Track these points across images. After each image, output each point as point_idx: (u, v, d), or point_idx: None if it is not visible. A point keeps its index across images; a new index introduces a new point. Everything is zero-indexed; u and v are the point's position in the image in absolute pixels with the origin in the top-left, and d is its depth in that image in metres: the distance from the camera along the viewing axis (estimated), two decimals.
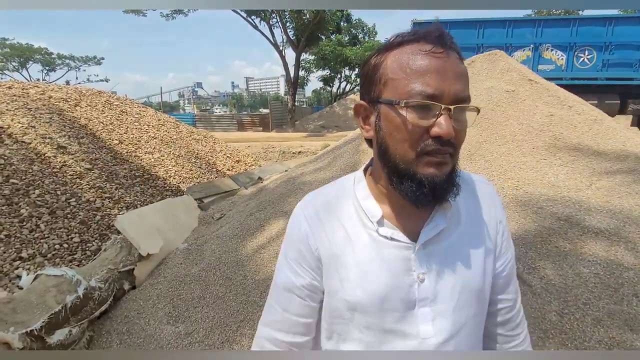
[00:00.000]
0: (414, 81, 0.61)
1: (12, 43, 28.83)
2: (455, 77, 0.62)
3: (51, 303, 2.44)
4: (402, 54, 0.64)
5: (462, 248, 0.73)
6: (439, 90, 0.61)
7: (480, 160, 3.24)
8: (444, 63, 0.62)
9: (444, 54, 0.62)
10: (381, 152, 0.69)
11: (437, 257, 0.71)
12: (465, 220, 0.75)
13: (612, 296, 2.14)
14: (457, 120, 0.63)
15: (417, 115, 0.62)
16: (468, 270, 0.72)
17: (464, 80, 0.64)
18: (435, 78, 0.61)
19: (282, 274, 0.78)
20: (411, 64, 0.62)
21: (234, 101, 74.70)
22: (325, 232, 0.74)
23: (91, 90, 6.48)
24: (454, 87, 0.62)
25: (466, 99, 0.64)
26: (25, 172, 3.81)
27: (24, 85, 5.63)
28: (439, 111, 0.61)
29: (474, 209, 0.77)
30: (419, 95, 0.61)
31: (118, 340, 2.60)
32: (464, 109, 0.64)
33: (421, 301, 0.70)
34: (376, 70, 0.67)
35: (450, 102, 0.61)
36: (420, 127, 0.62)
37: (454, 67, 0.63)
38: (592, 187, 2.81)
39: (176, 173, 5.49)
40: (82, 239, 3.51)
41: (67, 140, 4.65)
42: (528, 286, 2.31)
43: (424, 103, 0.61)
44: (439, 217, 0.71)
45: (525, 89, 3.90)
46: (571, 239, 2.48)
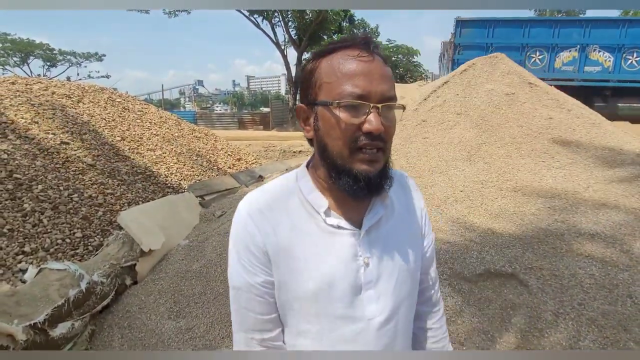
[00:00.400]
0: (345, 83, 0.68)
1: (14, 38, 28.80)
2: (380, 79, 0.69)
3: (54, 297, 2.48)
4: (334, 60, 0.71)
5: (398, 233, 0.81)
6: (367, 91, 0.68)
7: (479, 161, 3.28)
8: (370, 66, 0.69)
9: (370, 58, 0.70)
10: (321, 150, 0.75)
11: (378, 242, 0.78)
12: (397, 209, 0.84)
13: (606, 297, 2.17)
14: (386, 117, 0.70)
15: (349, 114, 0.69)
16: (404, 253, 0.81)
17: (388, 81, 0.71)
18: (362, 80, 0.68)
19: (237, 276, 0.77)
20: (341, 68, 0.69)
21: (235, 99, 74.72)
22: (272, 227, 0.75)
23: (94, 86, 6.51)
24: (380, 88, 0.69)
25: (392, 97, 0.71)
26: (28, 167, 3.84)
27: (27, 81, 5.66)
28: (369, 109, 0.68)
29: (404, 199, 0.86)
30: (349, 96, 0.68)
31: (120, 335, 2.64)
32: (391, 107, 0.71)
33: (367, 284, 0.76)
34: (312, 75, 0.73)
35: (378, 101, 0.68)
36: (352, 125, 0.69)
37: (379, 69, 0.70)
38: (589, 190, 2.85)
39: (177, 170, 5.52)
40: (84, 234, 3.54)
41: (70, 136, 4.68)
42: (524, 286, 2.35)
43: (354, 103, 0.68)
44: (378, 206, 0.79)
45: (525, 92, 3.94)
46: (567, 240, 2.52)
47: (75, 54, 31.49)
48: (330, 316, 0.75)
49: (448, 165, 3.32)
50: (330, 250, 0.75)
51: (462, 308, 2.32)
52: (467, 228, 2.74)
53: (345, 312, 0.75)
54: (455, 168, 3.27)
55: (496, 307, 2.30)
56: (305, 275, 0.74)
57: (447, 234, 2.74)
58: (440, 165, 3.35)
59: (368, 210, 0.79)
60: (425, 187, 3.21)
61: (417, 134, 3.84)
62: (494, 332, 2.19)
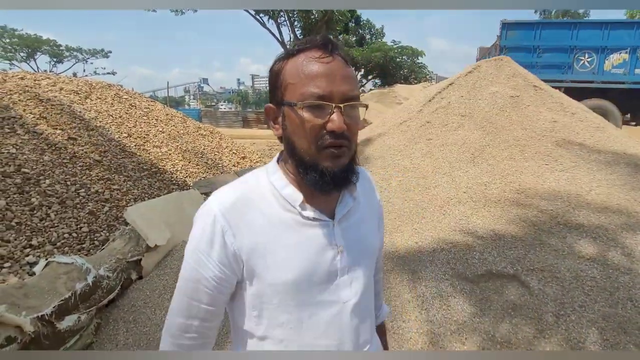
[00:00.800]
0: (307, 85, 0.71)
1: (21, 34, 29.00)
2: (342, 79, 0.72)
3: (61, 290, 2.52)
4: (297, 61, 0.74)
5: (364, 222, 0.89)
6: (328, 91, 0.71)
7: (483, 163, 3.30)
8: (331, 67, 0.72)
9: (330, 59, 0.73)
10: (289, 148, 0.78)
11: (349, 231, 0.84)
12: (361, 200, 0.90)
13: (607, 299, 2.19)
14: (349, 115, 0.73)
15: (312, 114, 0.72)
16: (369, 240, 0.89)
17: (350, 81, 0.74)
18: (324, 81, 0.71)
19: (189, 267, 0.78)
20: (304, 69, 0.72)
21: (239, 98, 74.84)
22: (245, 224, 0.76)
23: (101, 83, 6.57)
24: (341, 88, 0.72)
25: (354, 97, 0.74)
26: (36, 162, 3.89)
27: (35, 77, 5.72)
28: (331, 109, 0.71)
29: (366, 192, 0.93)
30: (311, 97, 0.71)
31: (125, 329, 2.68)
32: (353, 106, 0.74)
33: (342, 270, 0.81)
34: (278, 76, 0.76)
35: (340, 101, 0.71)
36: (316, 124, 0.72)
37: (340, 70, 0.73)
38: (592, 193, 2.86)
39: (183, 167, 5.56)
40: (90, 229, 3.59)
41: (77, 131, 4.73)
42: (526, 287, 2.37)
43: (316, 103, 0.71)
44: (347, 198, 0.85)
45: (530, 95, 3.95)
46: (569, 243, 2.53)
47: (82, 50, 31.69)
48: (310, 303, 0.79)
49: (452, 167, 3.34)
50: (307, 241, 0.78)
51: (463, 308, 2.34)
52: (469, 229, 2.76)
53: (323, 297, 0.79)
54: (459, 169, 3.29)
55: (497, 308, 2.32)
56: (284, 267, 0.76)
57: (450, 235, 2.76)
58: (444, 167, 3.37)
59: (339, 201, 0.84)
60: (428, 187, 3.23)
61: (421, 135, 3.85)
62: (494, 333, 2.21)
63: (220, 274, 0.76)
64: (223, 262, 0.76)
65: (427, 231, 2.82)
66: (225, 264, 0.76)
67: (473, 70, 4.31)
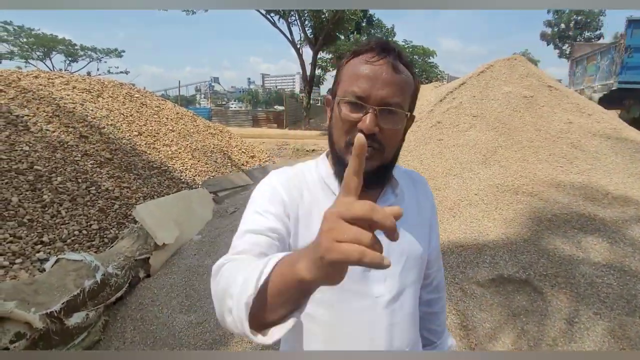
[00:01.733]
0: (352, 83, 0.75)
1: (37, 33, 29.54)
2: (384, 84, 0.73)
3: (70, 287, 2.53)
4: (355, 61, 0.77)
5: (407, 220, 0.85)
6: (366, 93, 0.73)
7: (495, 165, 3.23)
8: (377, 71, 0.74)
9: (380, 63, 0.74)
10: (329, 138, 0.83)
11: None
12: (407, 199, 0.89)
13: (624, 307, 2.12)
14: (385, 120, 0.74)
15: (349, 110, 0.75)
16: (412, 240, 0.86)
17: (395, 88, 0.74)
18: (365, 82, 0.73)
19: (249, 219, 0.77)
20: (354, 69, 0.76)
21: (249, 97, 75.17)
22: (297, 194, 0.82)
23: (113, 82, 6.64)
24: (381, 92, 0.73)
25: (392, 103, 0.74)
26: (48, 160, 3.94)
27: (49, 75, 5.81)
28: (366, 110, 0.73)
29: (414, 192, 0.92)
30: (351, 95, 0.74)
31: (132, 327, 2.68)
32: (392, 112, 0.74)
33: None
34: (339, 71, 0.81)
35: (377, 104, 0.73)
36: (349, 120, 0.75)
37: (387, 75, 0.74)
38: (608, 197, 2.78)
39: (192, 166, 5.59)
40: (100, 227, 3.61)
41: (88, 129, 4.78)
42: (539, 293, 2.31)
43: (353, 101, 0.74)
44: (389, 193, 0.85)
45: (544, 95, 3.86)
46: (585, 248, 2.46)
47: (96, 50, 32.12)
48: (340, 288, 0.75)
49: (463, 168, 3.28)
50: None
51: (473, 313, 2.29)
52: (480, 232, 2.71)
53: (353, 286, 0.79)
54: (470, 171, 3.23)
55: (509, 314, 2.27)
56: None
57: (460, 238, 2.70)
58: (455, 168, 3.31)
59: (380, 196, 0.85)
60: (438, 189, 3.17)
61: (432, 135, 3.80)
62: (505, 339, 2.15)
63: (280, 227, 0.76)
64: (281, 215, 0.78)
65: None
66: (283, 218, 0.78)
67: (485, 69, 4.23)
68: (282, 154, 10.81)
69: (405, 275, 0.84)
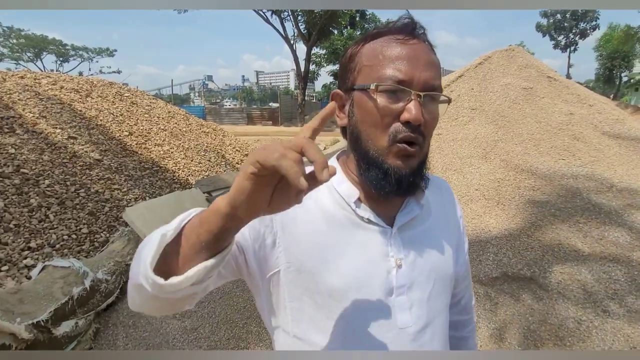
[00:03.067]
0: (386, 67, 0.63)
1: (27, 34, 29.15)
2: (425, 65, 0.63)
3: (58, 294, 2.43)
4: (377, 43, 0.66)
5: (435, 236, 0.73)
6: (409, 76, 0.62)
7: (495, 159, 3.15)
8: (415, 51, 0.63)
9: (416, 42, 0.64)
10: (353, 139, 0.69)
11: (412, 243, 0.70)
12: (434, 211, 0.76)
13: (634, 303, 2.05)
14: (428, 109, 0.63)
15: (387, 100, 0.62)
16: (441, 258, 0.73)
17: (434, 69, 0.64)
18: (406, 64, 0.62)
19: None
20: (384, 51, 0.64)
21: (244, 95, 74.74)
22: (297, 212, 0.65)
23: (102, 81, 6.49)
24: (424, 75, 0.62)
25: (437, 87, 0.64)
26: (35, 162, 3.81)
27: (36, 76, 5.65)
28: (409, 97, 0.62)
29: (440, 202, 0.79)
30: (389, 80, 0.62)
31: (124, 334, 2.59)
32: (433, 98, 0.65)
33: (399, 288, 0.67)
34: (352, 59, 0.68)
35: (421, 89, 0.62)
36: (390, 112, 0.62)
37: (425, 55, 0.64)
38: (613, 190, 2.70)
39: (185, 166, 5.47)
40: (90, 230, 3.50)
41: (77, 130, 4.65)
42: (544, 291, 2.23)
43: (394, 87, 0.62)
44: (413, 204, 0.72)
45: (544, 86, 3.78)
46: (590, 243, 2.39)
47: (88, 50, 31.80)
48: (358, 319, 0.66)
49: (463, 163, 3.20)
50: (360, 246, 0.67)
51: (477, 313, 2.21)
52: (482, 229, 2.63)
53: (373, 317, 0.66)
54: (470, 165, 3.15)
55: (514, 313, 2.19)
56: (331, 268, 0.66)
57: None
58: (455, 163, 3.23)
59: (402, 207, 0.71)
60: None
61: None
62: (511, 340, 2.08)
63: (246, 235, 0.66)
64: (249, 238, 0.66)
65: None
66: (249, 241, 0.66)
67: (483, 61, 4.15)
68: None
69: (435, 300, 0.71)
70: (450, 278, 0.75)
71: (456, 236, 0.81)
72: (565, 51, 35.57)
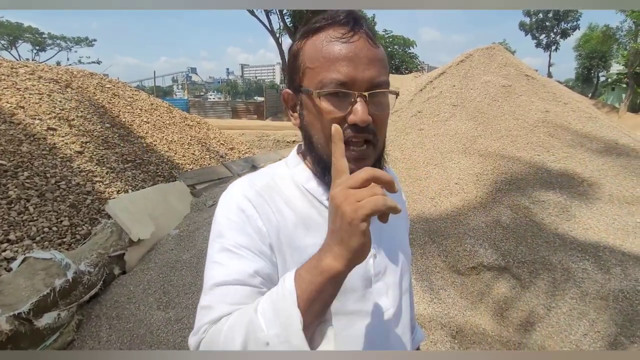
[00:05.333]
0: (326, 69, 0.61)
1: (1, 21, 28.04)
2: (367, 63, 0.61)
3: (39, 286, 2.41)
4: (317, 41, 0.64)
5: (395, 225, 0.77)
6: (351, 77, 0.60)
7: (474, 154, 3.25)
8: (356, 49, 0.61)
9: (355, 39, 0.62)
10: (306, 142, 0.69)
11: (382, 234, 0.74)
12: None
13: (599, 291, 2.17)
14: (375, 104, 0.63)
15: (331, 104, 0.61)
16: (402, 243, 0.80)
17: (378, 65, 0.63)
18: (346, 65, 0.60)
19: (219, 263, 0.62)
20: (324, 51, 0.62)
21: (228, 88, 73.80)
22: (274, 213, 0.66)
23: (83, 72, 6.34)
24: (366, 73, 0.61)
25: (382, 84, 0.63)
26: (13, 154, 3.73)
27: (12, 64, 5.48)
28: (354, 98, 0.61)
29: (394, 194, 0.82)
30: (331, 84, 0.61)
31: (107, 325, 2.59)
32: (380, 94, 0.63)
33: (376, 275, 0.72)
34: (296, 58, 0.67)
35: (365, 89, 0.61)
36: (335, 117, 0.61)
37: (366, 52, 0.62)
38: (584, 184, 2.84)
39: (169, 159, 5.42)
40: (71, 223, 3.45)
41: (57, 122, 4.55)
42: (517, 280, 2.34)
43: (336, 91, 0.61)
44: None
45: (522, 85, 3.90)
46: (561, 234, 2.51)
47: (65, 39, 30.78)
48: (344, 313, 0.68)
49: (443, 158, 3.29)
50: None
51: (454, 301, 2.30)
52: (460, 221, 2.72)
53: (358, 306, 0.69)
54: (451, 160, 3.24)
55: (489, 301, 2.29)
56: None
57: (441, 227, 2.71)
58: (436, 157, 3.32)
59: None
60: (419, 179, 3.17)
61: (413, 125, 3.79)
62: (485, 326, 2.18)
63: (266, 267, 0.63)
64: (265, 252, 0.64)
65: (417, 223, 2.78)
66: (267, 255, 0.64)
67: (465, 59, 4.24)
68: (262, 145, 10.67)
69: (403, 281, 0.77)
70: (409, 259, 0.82)
71: (406, 223, 0.89)
72: (547, 50, 36.36)
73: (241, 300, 0.58)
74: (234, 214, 0.65)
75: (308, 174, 0.72)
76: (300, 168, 0.73)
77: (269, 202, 0.67)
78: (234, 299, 0.58)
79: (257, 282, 0.60)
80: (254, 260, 0.62)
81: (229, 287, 0.59)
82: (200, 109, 26.14)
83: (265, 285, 0.61)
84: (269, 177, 0.72)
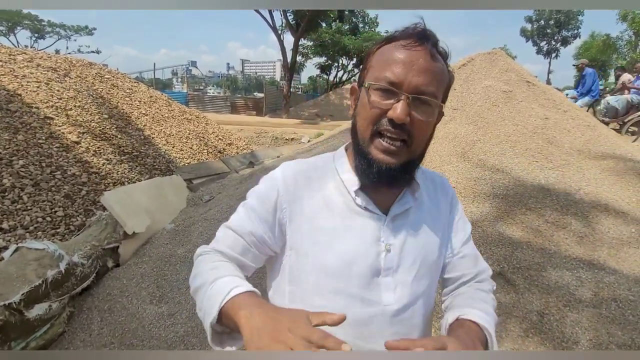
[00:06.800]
0: (384, 69, 0.70)
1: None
2: (420, 71, 0.68)
3: (31, 277, 2.39)
4: (387, 47, 0.73)
5: (424, 226, 0.82)
6: (400, 79, 0.68)
7: (473, 158, 3.25)
8: (414, 57, 0.69)
9: (419, 49, 0.69)
10: (352, 129, 0.78)
11: (403, 231, 0.79)
12: (427, 205, 0.85)
13: (592, 299, 2.18)
14: (417, 110, 0.69)
15: (379, 97, 0.70)
16: (428, 246, 0.81)
17: (430, 76, 0.69)
18: (400, 68, 0.68)
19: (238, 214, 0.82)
20: (388, 54, 0.71)
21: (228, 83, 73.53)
22: (302, 196, 0.78)
23: (82, 61, 6.28)
24: (416, 79, 0.68)
25: (428, 93, 0.69)
26: (9, 142, 3.69)
27: (10, 51, 5.42)
28: (398, 97, 0.68)
29: (434, 197, 0.87)
30: (383, 80, 0.69)
31: (99, 318, 2.57)
32: (425, 102, 0.69)
33: (386, 270, 0.76)
34: (368, 58, 0.76)
35: (410, 92, 0.68)
36: (379, 108, 0.70)
37: (423, 62, 0.69)
38: (581, 192, 2.85)
39: (166, 152, 5.39)
40: (66, 213, 3.43)
41: (54, 111, 4.51)
42: (512, 285, 2.35)
43: (385, 87, 0.69)
44: (408, 196, 0.81)
45: (522, 90, 3.91)
46: (556, 241, 2.52)
47: (65, 27, 30.49)
48: (346, 294, 0.74)
49: (442, 161, 3.29)
50: (353, 230, 0.76)
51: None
52: None
53: (360, 293, 0.74)
54: (449, 164, 3.24)
55: None
56: (327, 249, 0.75)
57: None
58: (434, 161, 3.32)
59: (398, 198, 0.80)
60: None
61: None
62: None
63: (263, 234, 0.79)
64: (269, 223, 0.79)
65: None
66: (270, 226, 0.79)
67: (467, 63, 4.25)
68: (260, 141, 10.64)
69: (418, 283, 0.79)
70: (434, 264, 0.83)
71: (443, 229, 0.86)
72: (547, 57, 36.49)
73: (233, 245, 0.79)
74: (266, 185, 0.81)
75: (347, 167, 0.81)
76: (343, 160, 0.83)
77: (302, 186, 0.79)
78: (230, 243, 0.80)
79: (249, 240, 0.79)
80: (255, 224, 0.78)
81: (234, 234, 0.80)
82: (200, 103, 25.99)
83: (254, 245, 0.79)
84: (311, 162, 0.84)
